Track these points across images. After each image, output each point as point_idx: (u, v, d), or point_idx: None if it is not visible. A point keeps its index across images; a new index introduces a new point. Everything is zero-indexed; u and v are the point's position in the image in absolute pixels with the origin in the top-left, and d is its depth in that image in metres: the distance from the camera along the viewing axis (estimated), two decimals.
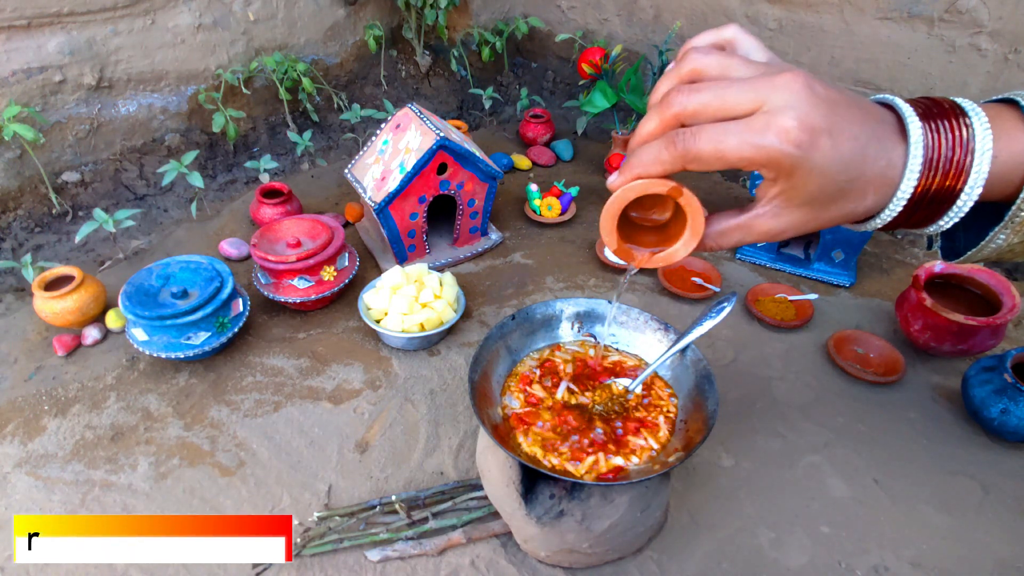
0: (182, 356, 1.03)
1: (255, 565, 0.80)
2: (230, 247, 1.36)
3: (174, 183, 1.55)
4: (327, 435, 0.98)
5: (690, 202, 0.42)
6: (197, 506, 0.88)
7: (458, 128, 1.57)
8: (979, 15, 1.31)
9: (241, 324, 1.09)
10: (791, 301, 1.21)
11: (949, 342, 1.03)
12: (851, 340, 1.12)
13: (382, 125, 1.32)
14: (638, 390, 0.82)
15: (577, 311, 0.90)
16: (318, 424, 1.00)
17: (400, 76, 1.99)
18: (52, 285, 1.12)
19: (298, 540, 0.82)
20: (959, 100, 0.40)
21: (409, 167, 1.15)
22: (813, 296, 1.20)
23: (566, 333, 0.90)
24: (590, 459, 0.73)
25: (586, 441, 0.75)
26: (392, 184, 1.17)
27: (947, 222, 0.41)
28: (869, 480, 0.90)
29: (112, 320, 1.16)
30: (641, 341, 0.89)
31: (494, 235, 1.42)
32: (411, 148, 1.18)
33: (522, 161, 1.72)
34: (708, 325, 0.80)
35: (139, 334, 1.02)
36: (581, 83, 1.76)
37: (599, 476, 0.72)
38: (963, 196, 0.40)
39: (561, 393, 0.81)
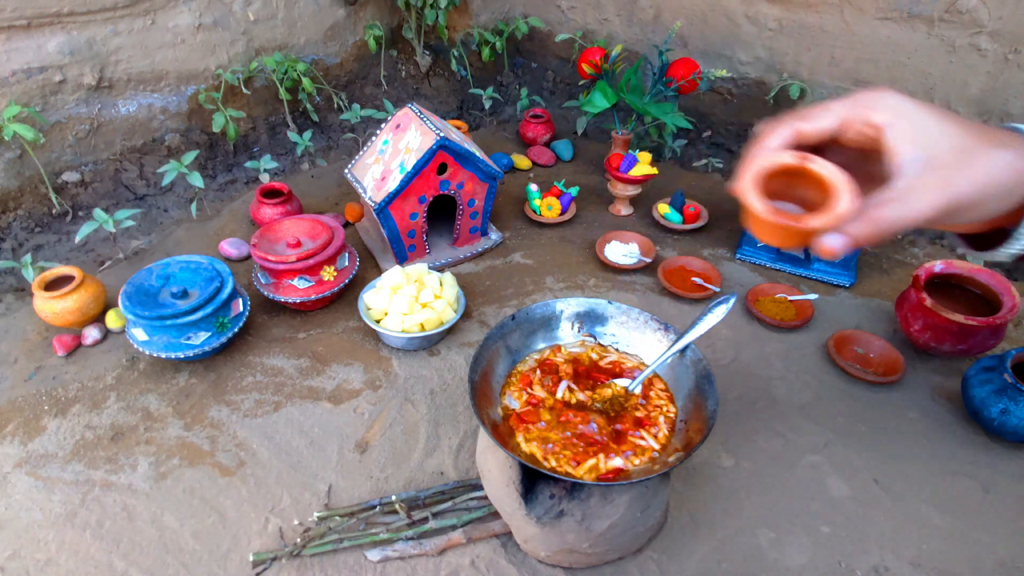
0: (182, 356, 1.03)
1: (255, 565, 0.80)
2: (230, 247, 1.36)
3: (174, 183, 1.55)
4: (327, 435, 0.98)
5: (829, 171, 0.41)
6: (197, 506, 0.88)
7: (458, 128, 1.57)
8: (979, 15, 1.31)
9: (241, 324, 1.09)
10: (791, 301, 1.21)
11: (949, 342, 1.03)
12: (851, 340, 1.12)
13: (382, 125, 1.32)
14: (637, 390, 0.82)
15: (577, 311, 0.90)
16: (318, 424, 1.00)
17: (400, 76, 1.99)
18: (52, 285, 1.12)
19: (298, 540, 0.82)
20: None
21: (409, 167, 1.15)
22: (813, 296, 1.20)
23: (566, 333, 0.90)
24: (590, 461, 0.73)
25: (582, 445, 0.75)
26: (392, 184, 1.17)
27: None
28: (869, 480, 0.90)
29: (112, 320, 1.16)
30: (641, 341, 0.89)
31: (494, 235, 1.42)
32: (411, 148, 1.18)
33: (522, 161, 1.72)
34: (707, 324, 0.80)
35: (139, 334, 1.02)
36: (581, 83, 1.76)
37: (599, 476, 0.72)
38: None
39: (561, 392, 0.82)
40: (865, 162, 0.44)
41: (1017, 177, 0.40)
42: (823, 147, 0.45)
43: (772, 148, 0.43)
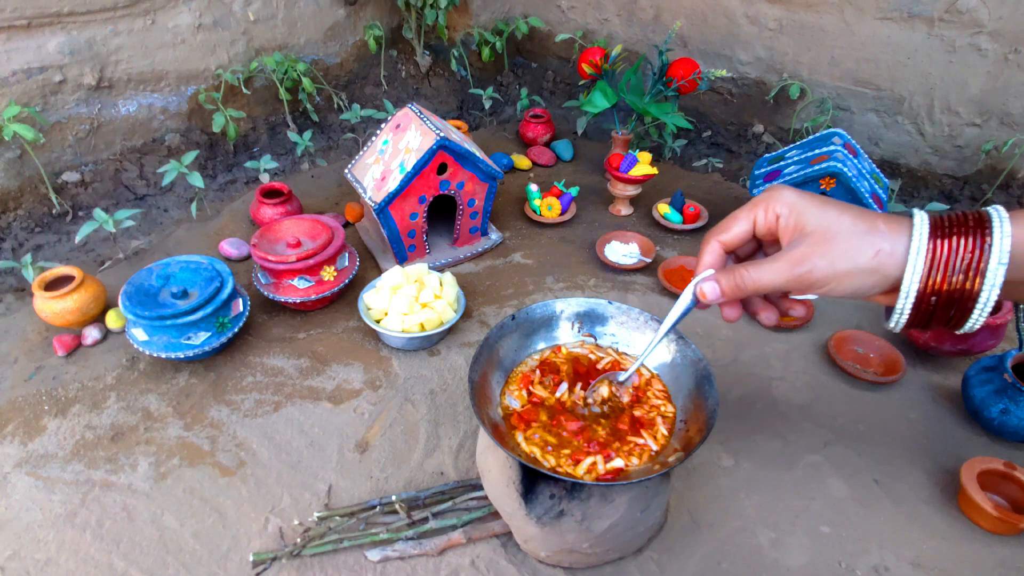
0: (182, 356, 1.03)
1: (255, 565, 0.80)
2: (230, 247, 1.36)
3: (174, 183, 1.55)
4: (327, 435, 0.98)
5: None
6: (197, 506, 0.88)
7: (458, 128, 1.57)
8: (979, 15, 1.31)
9: (241, 324, 1.09)
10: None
11: (949, 342, 1.03)
12: (851, 340, 1.12)
13: (382, 125, 1.32)
14: (631, 381, 0.80)
15: (577, 311, 0.90)
16: (318, 424, 1.00)
17: (400, 76, 1.99)
18: (52, 285, 1.12)
19: (298, 540, 0.82)
20: (989, 208, 0.46)
21: (409, 167, 1.15)
22: (813, 296, 1.20)
23: (566, 333, 0.90)
24: (588, 460, 0.73)
25: (581, 444, 0.75)
26: (392, 184, 1.17)
27: (974, 322, 0.47)
28: (869, 480, 0.90)
29: (112, 320, 1.16)
30: (641, 341, 0.89)
31: (494, 235, 1.42)
32: (411, 148, 1.18)
33: (522, 161, 1.72)
34: (682, 303, 0.70)
35: (139, 334, 1.02)
36: (581, 83, 1.76)
37: (598, 477, 0.72)
38: (982, 296, 0.45)
39: (561, 392, 0.82)
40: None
41: (877, 260, 0.47)
42: (755, 244, 0.58)
43: (709, 264, 0.54)
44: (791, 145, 1.34)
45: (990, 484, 0.85)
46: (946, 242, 0.45)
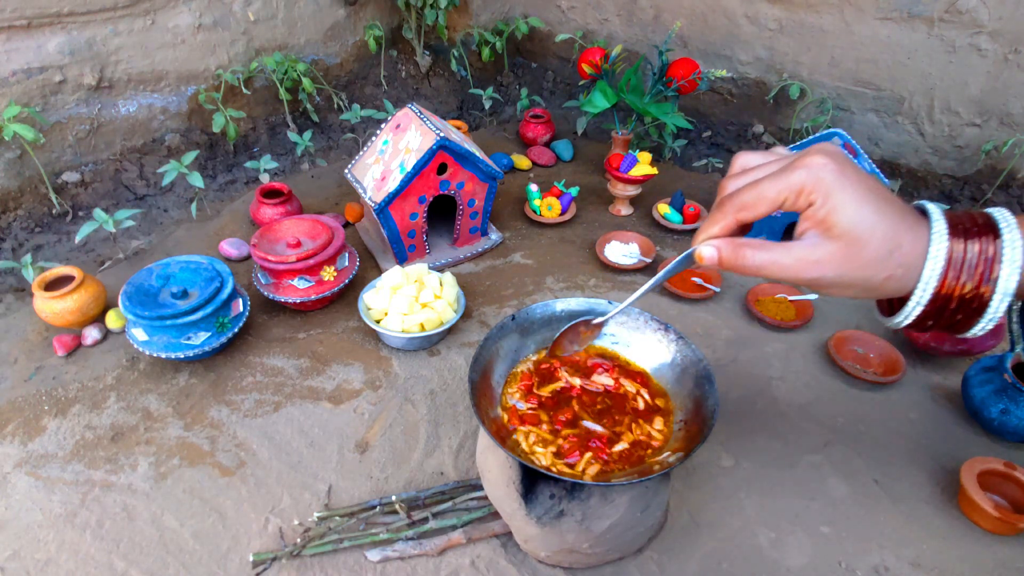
0: (182, 356, 1.03)
1: (255, 565, 0.80)
2: (230, 247, 1.36)
3: (174, 183, 1.55)
4: (327, 435, 0.98)
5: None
6: (197, 506, 0.88)
7: (458, 128, 1.57)
8: (979, 15, 1.31)
9: (241, 324, 1.09)
10: (791, 301, 1.21)
11: (949, 342, 1.03)
12: (851, 340, 1.12)
13: (382, 125, 1.32)
14: (607, 325, 0.77)
15: (577, 311, 0.90)
16: (318, 424, 1.00)
17: (400, 76, 1.99)
18: (52, 285, 1.12)
19: (298, 540, 0.82)
20: (992, 211, 0.44)
21: (409, 167, 1.15)
22: (813, 296, 1.20)
23: None
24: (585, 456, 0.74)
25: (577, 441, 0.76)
26: (392, 184, 1.17)
27: (983, 327, 0.45)
28: (869, 480, 0.90)
29: (112, 320, 1.16)
30: (641, 341, 0.89)
31: (494, 235, 1.42)
32: (411, 148, 1.19)
33: (522, 161, 1.72)
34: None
35: (139, 334, 1.02)
36: (581, 83, 1.76)
37: (596, 476, 0.72)
38: (993, 302, 0.42)
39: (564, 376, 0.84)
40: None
41: (886, 284, 0.44)
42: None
43: (716, 235, 0.49)
44: (791, 145, 1.34)
45: (990, 484, 0.85)
46: (962, 246, 0.42)
